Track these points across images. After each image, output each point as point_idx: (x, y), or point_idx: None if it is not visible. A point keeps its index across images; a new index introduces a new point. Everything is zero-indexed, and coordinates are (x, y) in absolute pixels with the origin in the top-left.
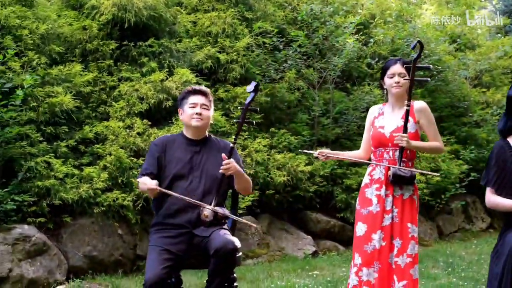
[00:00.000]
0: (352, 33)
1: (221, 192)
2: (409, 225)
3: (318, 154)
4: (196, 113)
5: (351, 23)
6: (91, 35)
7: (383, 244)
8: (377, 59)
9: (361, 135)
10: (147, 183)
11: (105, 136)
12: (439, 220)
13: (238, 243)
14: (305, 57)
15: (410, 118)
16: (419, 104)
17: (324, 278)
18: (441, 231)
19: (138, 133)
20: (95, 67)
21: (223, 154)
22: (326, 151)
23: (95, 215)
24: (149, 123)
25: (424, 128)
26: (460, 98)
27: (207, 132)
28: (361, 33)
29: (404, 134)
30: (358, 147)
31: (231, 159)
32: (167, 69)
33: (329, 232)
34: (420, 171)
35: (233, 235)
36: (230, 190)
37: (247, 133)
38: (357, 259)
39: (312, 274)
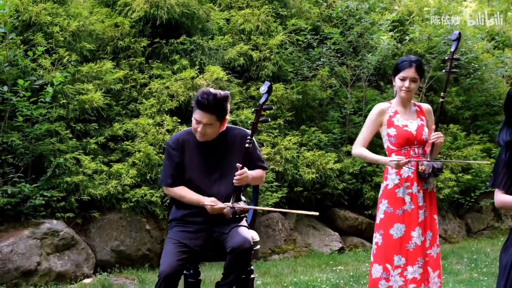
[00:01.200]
0: (388, 30)
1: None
2: (435, 216)
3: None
4: (198, 130)
5: (387, 20)
6: (123, 32)
7: (422, 239)
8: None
9: None
10: (207, 204)
11: (134, 133)
12: (468, 218)
13: (256, 237)
14: (338, 55)
15: (423, 117)
16: (427, 106)
17: (348, 273)
18: (470, 229)
19: (168, 130)
20: (126, 65)
21: (238, 164)
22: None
23: (123, 210)
24: (179, 120)
25: (430, 129)
26: (496, 97)
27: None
28: (396, 30)
29: (439, 133)
30: None
31: (245, 169)
32: (198, 67)
33: (356, 229)
34: (456, 161)
35: (252, 228)
36: None
37: (277, 130)
38: (399, 261)
39: (336, 269)
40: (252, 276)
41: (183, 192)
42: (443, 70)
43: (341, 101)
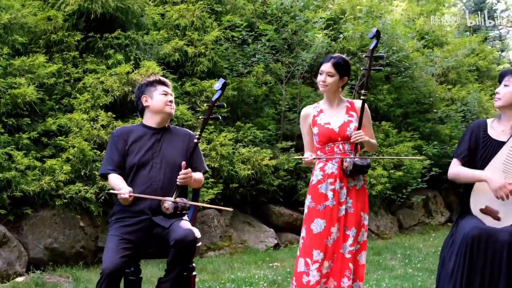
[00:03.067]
0: (322, 28)
1: None
2: (362, 213)
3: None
4: (169, 101)
5: (321, 18)
6: (56, 26)
7: (339, 235)
8: (345, 54)
9: None
10: (121, 191)
11: (68, 129)
12: (400, 214)
13: (198, 234)
14: (273, 52)
15: (353, 113)
16: (359, 103)
17: (284, 270)
18: (401, 225)
19: (102, 126)
20: (59, 59)
21: (183, 163)
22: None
23: (56, 207)
24: (114, 115)
25: (363, 126)
26: (426, 95)
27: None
28: (331, 28)
29: (360, 131)
30: None
31: (189, 169)
32: (133, 62)
33: (292, 225)
34: (386, 157)
35: (193, 225)
36: None
37: (212, 127)
38: (318, 255)
39: (272, 266)
40: (194, 273)
41: (114, 181)
42: (362, 68)
43: (276, 98)
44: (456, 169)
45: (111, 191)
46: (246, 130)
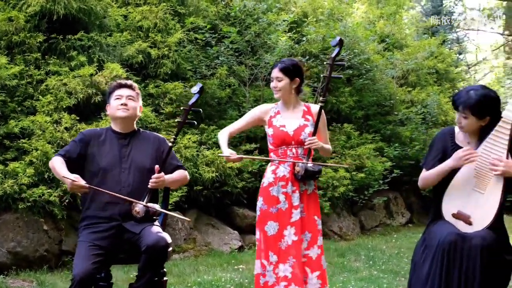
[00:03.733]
0: (285, 31)
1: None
2: (316, 218)
3: (230, 155)
4: (122, 104)
5: (283, 20)
6: (17, 27)
7: (295, 239)
8: (307, 57)
9: None
10: (70, 178)
11: (31, 131)
12: (361, 215)
13: (169, 239)
14: (237, 54)
15: (309, 117)
16: (316, 108)
17: (250, 272)
18: (363, 226)
19: (66, 128)
20: (21, 60)
21: (156, 166)
22: (240, 156)
23: (20, 210)
24: (77, 118)
25: (319, 131)
26: (386, 97)
27: (135, 125)
28: (294, 31)
29: (315, 137)
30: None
31: (162, 174)
32: (96, 64)
33: (255, 227)
34: (325, 164)
35: (163, 230)
36: None
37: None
38: (272, 257)
39: (238, 268)
40: (165, 278)
41: (56, 165)
42: (322, 75)
43: (240, 100)
44: (424, 176)
45: (63, 175)
46: (210, 133)
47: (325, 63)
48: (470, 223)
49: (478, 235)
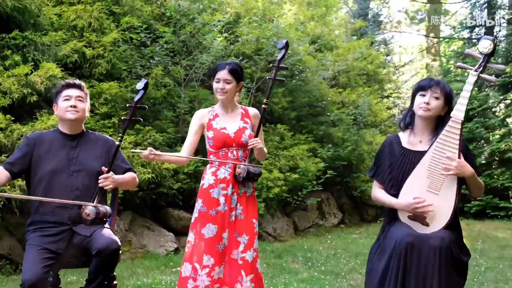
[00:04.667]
0: (221, 32)
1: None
2: (254, 220)
3: (150, 153)
4: (71, 106)
5: (218, 21)
6: None
7: (229, 241)
8: (241, 57)
9: None
10: None
11: None
12: (295, 216)
13: (119, 242)
14: (172, 54)
15: (247, 120)
16: (254, 111)
17: None
18: (296, 227)
19: (0, 129)
20: None
21: (103, 167)
22: (158, 153)
23: None
24: (12, 118)
25: (255, 133)
26: (318, 98)
27: (83, 126)
28: (230, 32)
29: (257, 138)
30: None
31: (110, 173)
32: (32, 63)
33: None
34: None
35: (113, 232)
36: None
37: (112, 129)
38: (208, 261)
39: (176, 271)
40: (115, 282)
41: None
42: (267, 77)
43: (175, 101)
44: (377, 195)
45: None
46: (145, 133)
47: (271, 65)
48: (427, 224)
49: (436, 236)
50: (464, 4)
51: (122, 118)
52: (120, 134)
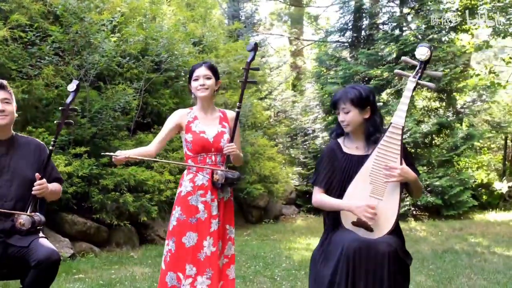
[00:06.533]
0: (112, 31)
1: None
2: (227, 226)
3: (122, 156)
4: None
5: (108, 20)
6: None
7: (213, 250)
8: (128, 58)
9: (114, 134)
10: None
11: None
12: None
13: (59, 253)
14: (61, 54)
15: (226, 124)
16: (231, 114)
17: (96, 281)
18: None
19: None
20: None
21: (37, 174)
22: (127, 152)
23: None
24: None
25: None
26: None
27: (12, 130)
28: (122, 32)
29: (233, 144)
30: (113, 147)
31: (43, 180)
32: None
33: (86, 234)
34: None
35: None
36: None
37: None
38: (191, 270)
39: (79, 278)
40: None
41: None
42: (239, 81)
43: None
44: (320, 198)
45: None
46: (38, 135)
47: (241, 68)
48: (371, 230)
49: (383, 241)
50: (334, 9)
51: (56, 122)
52: (53, 139)
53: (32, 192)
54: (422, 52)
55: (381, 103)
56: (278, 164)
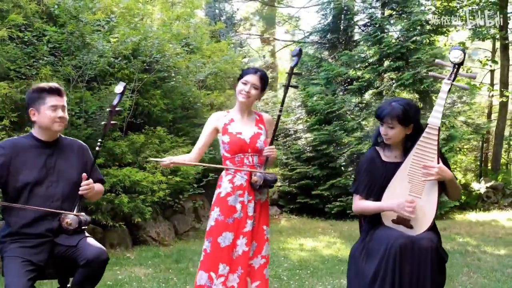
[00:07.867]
0: (107, 32)
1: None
2: (264, 227)
3: (168, 161)
4: (59, 117)
5: (104, 20)
6: None
7: (246, 249)
8: (120, 58)
9: (108, 135)
10: None
11: None
12: (175, 220)
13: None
14: (58, 54)
15: (262, 126)
16: (267, 117)
17: (102, 281)
18: (177, 231)
19: None
20: None
21: (84, 174)
22: (173, 158)
23: None
24: None
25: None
26: (191, 100)
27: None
28: (121, 33)
29: (273, 146)
30: (108, 148)
31: (90, 180)
32: None
33: None
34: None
35: None
36: None
37: (3, 132)
38: (224, 269)
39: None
40: None
41: None
42: (282, 85)
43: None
44: (361, 205)
45: None
46: None
47: (285, 72)
48: (410, 227)
49: (426, 237)
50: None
51: (103, 123)
52: (99, 140)
53: (79, 192)
54: (456, 55)
55: (364, 104)
56: None
